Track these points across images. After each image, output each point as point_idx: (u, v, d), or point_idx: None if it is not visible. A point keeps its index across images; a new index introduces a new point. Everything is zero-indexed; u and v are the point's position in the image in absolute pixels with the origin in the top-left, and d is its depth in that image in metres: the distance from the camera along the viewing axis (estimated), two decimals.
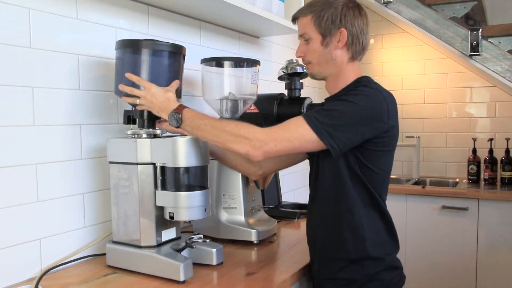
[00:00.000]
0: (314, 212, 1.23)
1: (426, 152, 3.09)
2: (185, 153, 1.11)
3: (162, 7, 1.56)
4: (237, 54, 2.00)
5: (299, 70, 1.65)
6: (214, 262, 1.21)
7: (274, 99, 1.66)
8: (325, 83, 1.23)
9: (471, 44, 2.68)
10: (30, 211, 1.15)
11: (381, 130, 1.08)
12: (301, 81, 1.70)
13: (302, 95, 1.68)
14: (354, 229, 1.13)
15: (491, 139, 2.79)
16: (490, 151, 2.77)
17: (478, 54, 2.68)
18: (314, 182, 1.22)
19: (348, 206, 1.13)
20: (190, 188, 1.14)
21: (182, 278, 1.08)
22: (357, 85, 1.14)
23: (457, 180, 2.90)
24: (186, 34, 1.69)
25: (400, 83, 3.16)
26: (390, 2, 2.90)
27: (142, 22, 1.49)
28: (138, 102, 1.15)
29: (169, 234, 1.21)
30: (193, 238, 1.20)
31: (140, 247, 1.16)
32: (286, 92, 1.71)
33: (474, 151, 2.83)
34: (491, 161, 2.76)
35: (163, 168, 1.14)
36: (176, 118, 1.12)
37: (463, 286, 2.51)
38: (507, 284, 2.41)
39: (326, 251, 1.19)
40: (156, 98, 1.14)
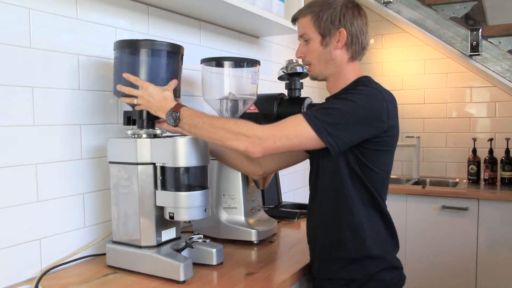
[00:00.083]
0: (314, 212, 1.23)
1: (426, 152, 3.09)
2: (185, 153, 1.11)
3: (162, 7, 1.56)
4: (237, 54, 2.00)
5: (299, 70, 1.65)
6: (214, 262, 1.21)
7: (274, 99, 1.66)
8: (326, 83, 1.23)
9: (471, 44, 2.68)
10: (30, 211, 1.15)
11: (380, 130, 1.08)
12: (301, 81, 1.69)
13: (302, 95, 1.68)
14: (354, 228, 1.13)
15: (491, 139, 2.79)
16: (490, 151, 2.77)
17: (478, 54, 2.68)
18: (314, 182, 1.22)
19: (348, 206, 1.13)
20: (190, 188, 1.14)
21: (182, 278, 1.08)
22: (357, 84, 1.14)
23: (457, 180, 2.90)
24: (186, 34, 1.69)
25: (400, 83, 3.16)
26: (390, 2, 2.90)
27: (142, 22, 1.49)
28: (135, 102, 1.15)
29: (169, 234, 1.21)
30: (193, 238, 1.20)
31: (140, 247, 1.16)
32: (286, 92, 1.71)
33: (474, 151, 2.83)
34: (491, 161, 2.75)
35: (163, 168, 1.14)
36: (173, 116, 1.12)
37: (463, 286, 2.51)
38: (507, 284, 2.40)
39: (326, 251, 1.19)
40: (153, 97, 1.14)
